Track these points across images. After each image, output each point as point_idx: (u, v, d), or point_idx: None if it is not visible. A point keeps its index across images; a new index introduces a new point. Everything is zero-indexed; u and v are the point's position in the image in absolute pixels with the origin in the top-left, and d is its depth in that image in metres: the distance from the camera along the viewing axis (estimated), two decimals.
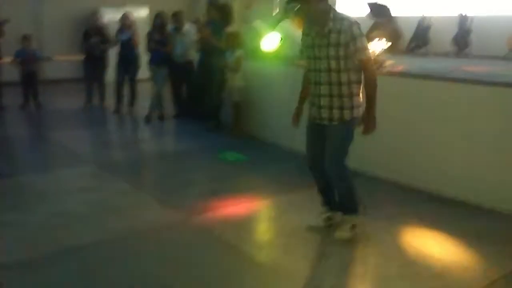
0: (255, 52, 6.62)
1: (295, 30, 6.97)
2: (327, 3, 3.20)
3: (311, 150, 3.49)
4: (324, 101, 3.28)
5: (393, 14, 8.52)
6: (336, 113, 3.26)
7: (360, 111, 3.30)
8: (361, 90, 3.29)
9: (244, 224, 3.87)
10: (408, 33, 8.14)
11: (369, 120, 3.24)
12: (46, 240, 3.45)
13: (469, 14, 7.39)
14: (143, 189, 4.67)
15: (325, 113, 3.30)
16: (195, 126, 7.08)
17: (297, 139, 5.79)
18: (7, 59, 8.09)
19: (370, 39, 5.37)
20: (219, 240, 3.53)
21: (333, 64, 3.18)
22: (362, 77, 3.26)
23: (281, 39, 6.50)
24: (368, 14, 8.61)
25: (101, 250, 3.33)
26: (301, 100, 3.60)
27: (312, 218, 3.75)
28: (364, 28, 8.54)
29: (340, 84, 3.22)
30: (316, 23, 3.23)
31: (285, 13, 8.74)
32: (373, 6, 8.52)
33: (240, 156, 5.51)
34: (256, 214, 4.18)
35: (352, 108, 3.26)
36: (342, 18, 3.17)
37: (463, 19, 7.43)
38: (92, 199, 4.26)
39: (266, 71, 6.41)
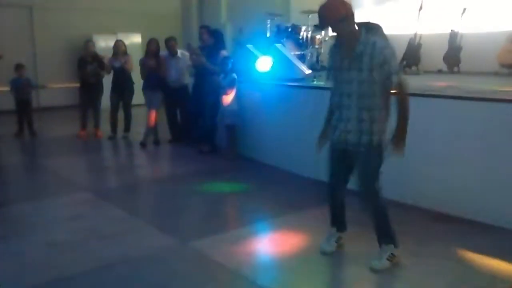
0: (249, 75, 6.67)
1: (289, 51, 7.07)
2: (353, 23, 3.07)
3: (333, 175, 3.40)
4: (352, 126, 3.16)
5: (385, 33, 8.62)
6: (364, 138, 3.13)
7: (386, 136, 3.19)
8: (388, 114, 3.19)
9: (243, 248, 3.81)
10: (399, 52, 8.20)
11: (400, 140, 3.12)
12: (37, 270, 3.39)
13: (460, 31, 7.44)
14: (138, 215, 4.62)
15: (353, 138, 3.17)
16: (190, 150, 7.06)
17: (294, 161, 5.83)
18: (2, 88, 8.13)
19: None
20: (217, 265, 3.46)
21: (363, 87, 3.07)
22: (390, 101, 3.16)
23: (274, 61, 6.56)
24: None
25: (92, 279, 3.27)
26: (327, 123, 3.43)
27: (316, 240, 3.69)
28: None
29: (370, 108, 3.09)
30: (345, 45, 3.13)
31: (278, 36, 8.87)
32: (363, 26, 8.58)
33: (236, 186, 5.43)
34: (256, 237, 4.12)
35: (381, 132, 3.15)
36: (374, 41, 3.04)
37: (453, 36, 7.49)
38: (85, 226, 4.20)
39: (260, 93, 6.43)
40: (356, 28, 3.08)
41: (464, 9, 7.33)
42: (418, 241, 3.79)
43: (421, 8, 7.76)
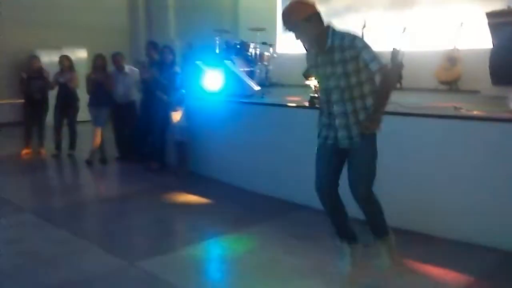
0: (198, 91, 6.65)
1: (237, 67, 7.12)
2: (319, 23, 3.05)
3: (322, 174, 3.22)
4: (339, 121, 3.11)
5: None
6: (354, 128, 3.07)
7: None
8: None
9: (193, 267, 3.77)
10: None
11: (374, 119, 3.00)
12: None
13: (401, 49, 7.76)
14: (83, 236, 4.45)
15: (342, 132, 3.11)
16: (138, 167, 6.93)
17: (245, 177, 5.84)
18: None
19: (309, 75, 5.55)
20: (167, 285, 3.40)
21: (341, 81, 3.04)
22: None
23: (224, 77, 6.59)
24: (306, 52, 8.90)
25: None
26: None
27: (268, 256, 3.70)
28: (304, 65, 8.77)
29: (353, 99, 3.05)
30: (314, 43, 3.12)
31: (227, 53, 8.94)
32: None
33: (186, 204, 5.37)
34: (206, 255, 4.08)
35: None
36: (342, 34, 3.03)
37: (395, 54, 7.79)
38: (25, 250, 4.01)
39: (210, 109, 6.43)
40: (324, 27, 3.07)
41: (405, 28, 7.67)
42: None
43: (364, 26, 8.05)
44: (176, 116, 6.44)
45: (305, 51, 3.33)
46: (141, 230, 4.70)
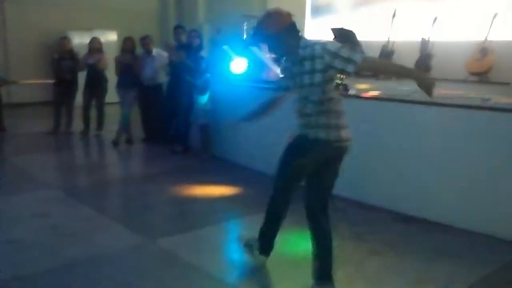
0: (224, 76, 6.68)
1: (263, 53, 7.11)
2: (294, 34, 3.01)
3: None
4: (309, 129, 3.06)
5: (358, 39, 8.74)
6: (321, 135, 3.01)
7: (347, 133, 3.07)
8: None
9: (211, 246, 3.83)
10: None
11: (422, 80, 2.84)
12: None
13: (431, 39, 7.62)
14: (106, 213, 4.58)
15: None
16: (163, 149, 7.03)
17: (266, 162, 5.85)
18: None
19: None
20: (185, 263, 3.47)
21: (311, 91, 2.96)
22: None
23: (249, 63, 6.60)
24: (333, 40, 8.81)
25: (56, 277, 3.23)
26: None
27: (284, 239, 3.73)
28: None
29: (321, 111, 2.99)
30: (285, 53, 3.11)
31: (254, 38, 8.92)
32: (337, 32, 8.70)
33: (207, 186, 5.43)
34: (224, 236, 4.14)
35: (338, 128, 3.03)
36: (313, 44, 2.95)
37: (424, 44, 7.66)
38: (50, 224, 4.15)
39: (234, 94, 6.45)
40: (298, 37, 3.03)
41: (436, 18, 7.51)
42: (379, 240, 3.87)
43: (394, 15, 7.91)
44: (201, 99, 6.49)
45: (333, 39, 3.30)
46: (162, 210, 4.78)
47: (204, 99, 6.47)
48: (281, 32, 2.97)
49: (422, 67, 7.69)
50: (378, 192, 4.69)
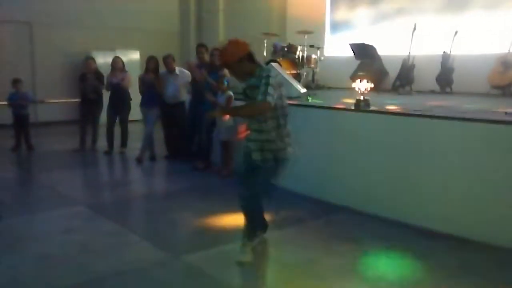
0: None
1: (284, 70, 7.19)
2: (247, 62, 3.52)
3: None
4: (255, 145, 3.64)
5: (379, 53, 8.77)
6: (259, 155, 3.61)
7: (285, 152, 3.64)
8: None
9: (234, 263, 3.85)
10: (393, 72, 8.35)
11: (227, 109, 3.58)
12: (28, 283, 3.42)
13: (452, 52, 7.60)
14: (131, 230, 4.65)
15: (255, 156, 3.64)
16: (185, 166, 7.12)
17: (288, 178, 5.87)
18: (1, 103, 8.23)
19: (356, 78, 5.56)
20: (210, 279, 3.51)
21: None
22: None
23: None
24: (354, 55, 8.86)
25: None
26: None
27: (311, 254, 3.76)
28: (351, 68, 8.77)
29: (263, 131, 3.58)
30: (238, 78, 3.66)
31: (274, 55, 9.03)
32: (356, 47, 8.75)
33: (229, 202, 5.46)
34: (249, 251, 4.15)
35: (272, 150, 3.59)
36: (261, 75, 3.45)
37: (445, 58, 7.64)
38: (79, 240, 4.24)
39: None
40: (254, 65, 3.55)
41: (456, 32, 7.51)
42: (404, 256, 3.84)
43: (414, 29, 7.93)
44: (224, 116, 6.55)
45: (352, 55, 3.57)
46: (186, 226, 4.83)
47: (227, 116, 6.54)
48: (237, 61, 3.51)
49: (444, 81, 7.68)
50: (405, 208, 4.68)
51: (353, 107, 5.32)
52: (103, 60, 10.26)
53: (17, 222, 4.75)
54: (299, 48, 9.01)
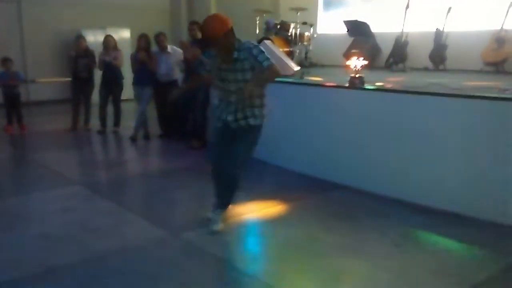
0: None
1: (277, 47, 7.15)
2: (231, 37, 3.58)
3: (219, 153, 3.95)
4: (232, 115, 3.77)
5: (372, 30, 8.75)
6: (243, 122, 3.77)
7: (263, 119, 3.84)
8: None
9: (234, 238, 3.93)
10: (387, 49, 8.35)
11: (247, 87, 3.48)
12: (28, 261, 3.45)
13: (445, 29, 7.60)
14: (128, 208, 4.68)
15: (233, 124, 3.79)
16: (180, 145, 7.13)
17: (283, 155, 5.93)
18: None
19: (350, 56, 5.55)
20: (209, 255, 3.56)
21: (240, 85, 3.62)
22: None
23: None
24: (347, 32, 8.83)
25: (83, 270, 3.34)
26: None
27: (307, 230, 3.82)
28: (345, 45, 8.73)
29: (263, 95, 3.81)
30: (223, 53, 3.63)
31: (267, 33, 8.96)
32: (350, 24, 8.72)
33: None
34: (246, 228, 4.22)
35: (255, 116, 3.79)
36: (245, 47, 3.60)
37: (438, 34, 7.64)
38: (76, 219, 4.27)
39: None
40: (233, 39, 3.60)
41: (450, 8, 7.49)
42: (400, 232, 3.93)
43: (407, 6, 7.91)
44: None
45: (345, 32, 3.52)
46: (182, 204, 4.88)
47: None
48: (222, 36, 3.51)
49: (437, 58, 7.70)
50: (398, 185, 4.74)
51: (346, 85, 5.33)
52: (93, 38, 10.14)
53: (14, 202, 4.78)
54: (292, 25, 8.95)
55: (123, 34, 11.48)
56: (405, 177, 4.64)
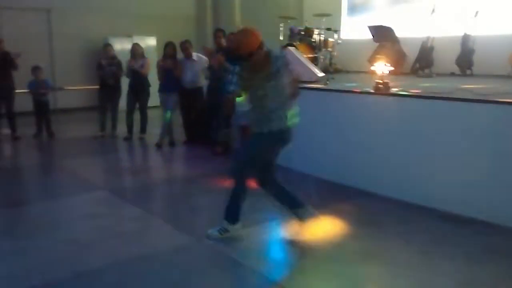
0: None
1: (301, 54, 7.16)
2: (262, 49, 3.64)
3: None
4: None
5: (397, 35, 8.67)
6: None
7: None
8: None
9: (258, 245, 3.93)
10: (412, 54, 8.25)
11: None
12: (57, 266, 3.51)
13: (472, 33, 7.48)
14: (154, 214, 4.75)
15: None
16: (205, 151, 7.18)
17: (306, 161, 5.91)
18: (20, 90, 8.35)
19: (375, 61, 5.52)
20: (233, 262, 3.59)
21: (286, 90, 3.81)
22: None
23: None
24: (372, 38, 8.77)
25: (110, 275, 3.39)
26: None
27: (330, 238, 3.79)
28: (370, 51, 8.67)
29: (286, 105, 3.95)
30: (257, 65, 3.67)
31: (291, 39, 8.97)
32: (375, 29, 8.65)
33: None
34: (270, 235, 4.22)
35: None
36: (279, 55, 3.85)
37: (465, 39, 7.52)
38: (103, 224, 4.34)
39: None
40: (263, 51, 3.66)
41: (477, 12, 7.37)
42: (426, 240, 3.87)
43: (433, 11, 7.81)
44: (241, 101, 6.57)
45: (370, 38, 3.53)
46: (206, 210, 4.90)
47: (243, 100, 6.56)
48: (256, 50, 3.59)
49: (464, 63, 7.57)
50: (423, 192, 4.67)
51: (371, 90, 5.29)
52: (120, 46, 10.32)
53: (42, 208, 4.88)
54: (316, 31, 8.94)
55: (149, 42, 11.66)
56: (433, 184, 4.57)
